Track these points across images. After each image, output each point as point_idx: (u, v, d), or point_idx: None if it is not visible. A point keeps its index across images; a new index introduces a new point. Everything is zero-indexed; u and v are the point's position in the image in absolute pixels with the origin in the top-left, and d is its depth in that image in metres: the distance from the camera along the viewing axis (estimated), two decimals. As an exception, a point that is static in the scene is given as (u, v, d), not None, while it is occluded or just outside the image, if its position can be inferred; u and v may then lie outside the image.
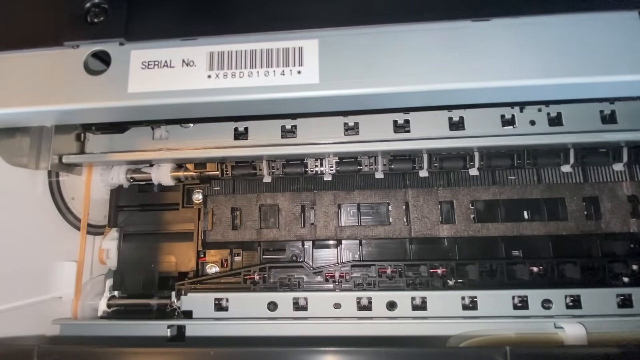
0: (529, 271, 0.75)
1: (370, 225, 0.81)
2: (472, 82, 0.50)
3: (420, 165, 0.77)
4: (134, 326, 0.73)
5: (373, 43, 0.52)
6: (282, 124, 0.74)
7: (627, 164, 0.75)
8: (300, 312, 0.73)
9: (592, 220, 0.77)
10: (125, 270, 0.82)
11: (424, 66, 0.51)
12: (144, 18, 0.56)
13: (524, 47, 0.51)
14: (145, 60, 0.55)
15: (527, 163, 0.75)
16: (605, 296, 0.70)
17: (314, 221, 0.82)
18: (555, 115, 0.71)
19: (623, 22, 0.50)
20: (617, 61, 0.49)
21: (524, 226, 0.78)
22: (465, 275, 0.76)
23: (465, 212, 0.79)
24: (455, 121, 0.72)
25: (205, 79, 0.53)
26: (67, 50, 0.56)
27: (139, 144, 0.77)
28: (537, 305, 0.70)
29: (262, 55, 0.54)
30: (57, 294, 0.76)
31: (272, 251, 0.83)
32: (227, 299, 0.75)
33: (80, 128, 0.77)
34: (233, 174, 0.81)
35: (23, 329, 0.69)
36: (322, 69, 0.52)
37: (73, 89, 0.55)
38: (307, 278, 0.80)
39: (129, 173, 0.84)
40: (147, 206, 0.86)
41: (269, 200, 0.83)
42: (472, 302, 0.71)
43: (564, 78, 0.50)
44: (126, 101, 0.54)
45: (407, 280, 0.76)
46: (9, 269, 0.67)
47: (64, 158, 0.73)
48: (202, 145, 0.75)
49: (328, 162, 0.79)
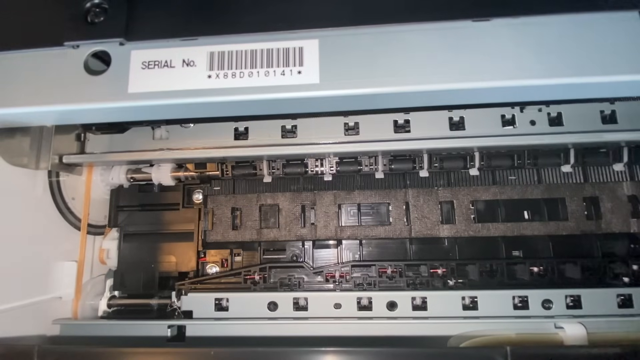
0: (529, 271, 0.75)
1: (371, 225, 0.81)
2: (472, 82, 0.50)
3: (420, 165, 0.77)
4: (134, 326, 0.73)
5: (373, 43, 0.52)
6: (282, 124, 0.74)
7: (627, 164, 0.75)
8: (301, 312, 0.73)
9: (592, 220, 0.77)
10: (125, 270, 0.82)
11: (424, 66, 0.51)
12: (144, 18, 0.56)
13: (524, 47, 0.51)
14: (145, 60, 0.55)
15: (528, 163, 0.75)
16: (606, 296, 0.70)
17: (314, 221, 0.82)
18: (555, 115, 0.71)
19: (623, 22, 0.50)
20: (617, 61, 0.49)
21: (524, 226, 0.78)
22: (466, 275, 0.76)
23: (466, 212, 0.79)
24: (455, 121, 0.72)
25: (205, 79, 0.53)
26: (67, 50, 0.56)
27: (139, 144, 0.77)
28: (537, 306, 0.70)
29: (262, 55, 0.53)
30: (57, 294, 0.76)
31: (273, 251, 0.83)
32: (227, 299, 0.75)
33: (80, 128, 0.77)
34: (233, 174, 0.81)
35: (23, 329, 0.69)
36: (323, 69, 0.52)
37: (73, 89, 0.55)
38: (307, 278, 0.80)
39: (129, 173, 0.84)
40: (147, 206, 0.86)
41: (269, 200, 0.83)
42: (472, 302, 0.71)
43: (564, 78, 0.49)
44: (126, 101, 0.54)
45: (408, 280, 0.76)
46: (9, 269, 0.67)
47: (64, 158, 0.73)
48: (202, 145, 0.75)
49: (328, 162, 0.79)
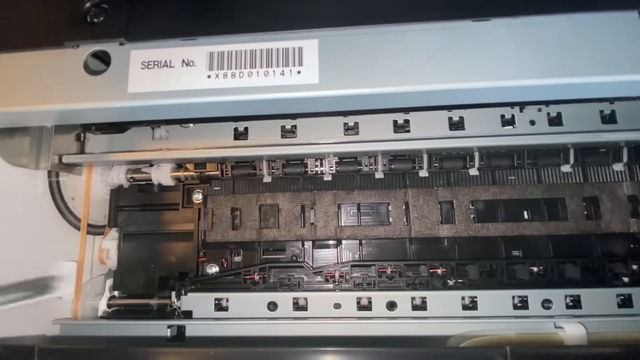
0: (529, 271, 0.75)
1: (370, 225, 0.81)
2: (472, 82, 0.50)
3: (420, 165, 0.77)
4: (134, 326, 0.73)
5: (373, 43, 0.52)
6: (282, 124, 0.74)
7: (627, 164, 0.75)
8: (300, 312, 0.73)
9: (592, 220, 0.77)
10: (125, 270, 0.82)
11: (424, 66, 0.51)
12: (144, 18, 0.56)
13: (524, 47, 0.51)
14: (145, 60, 0.55)
15: (527, 163, 0.75)
16: (606, 296, 0.70)
17: (314, 221, 0.82)
18: (555, 115, 0.71)
19: (623, 22, 0.50)
20: (617, 61, 0.49)
21: (524, 226, 0.78)
22: (465, 275, 0.76)
23: (465, 212, 0.79)
24: (455, 121, 0.72)
25: (205, 79, 0.53)
26: (67, 50, 0.56)
27: (139, 144, 0.77)
28: (537, 305, 0.70)
29: (262, 55, 0.54)
30: (57, 294, 0.76)
31: (272, 251, 0.83)
32: (227, 299, 0.75)
33: (80, 128, 0.77)
34: (233, 174, 0.81)
35: (23, 329, 0.69)
36: (322, 69, 0.52)
37: (73, 89, 0.55)
38: (307, 278, 0.79)
39: (129, 173, 0.84)
40: (147, 206, 0.86)
41: (269, 200, 0.83)
42: (472, 302, 0.71)
43: (564, 78, 0.50)
44: (126, 101, 0.54)
45: (407, 280, 0.76)
46: (9, 269, 0.67)
47: (64, 158, 0.73)
48: (202, 145, 0.75)
49: (328, 162, 0.79)
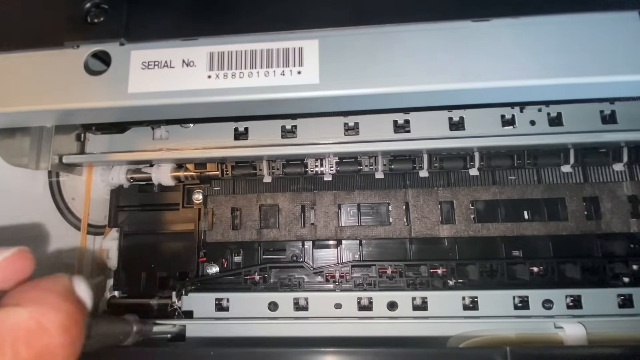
0: (530, 271, 0.75)
1: (371, 225, 0.81)
2: (473, 83, 0.50)
3: (420, 165, 0.77)
4: (134, 326, 0.73)
5: (373, 43, 0.52)
6: (282, 124, 0.74)
7: (627, 164, 0.75)
8: (301, 312, 0.73)
9: (592, 220, 0.77)
10: (125, 270, 0.82)
11: (424, 66, 0.51)
12: (144, 18, 0.56)
13: (524, 47, 0.51)
14: (145, 61, 0.54)
15: (527, 163, 0.75)
16: (606, 296, 0.70)
17: (314, 221, 0.82)
18: (555, 115, 0.71)
19: (623, 22, 0.50)
20: (617, 61, 0.49)
21: (524, 226, 0.78)
22: (466, 275, 0.76)
23: (466, 212, 0.79)
24: (455, 121, 0.72)
25: (205, 79, 0.53)
26: (67, 51, 0.56)
27: (139, 144, 0.77)
28: (537, 306, 0.70)
29: (262, 55, 0.53)
30: (57, 294, 0.76)
31: (272, 251, 0.83)
32: (227, 299, 0.75)
33: (80, 128, 0.77)
34: (233, 174, 0.81)
35: (23, 329, 0.69)
36: (322, 69, 0.52)
37: (73, 89, 0.54)
38: (307, 278, 0.79)
39: (129, 173, 0.84)
40: (147, 206, 0.86)
41: (269, 200, 0.83)
42: (472, 302, 0.71)
43: (564, 78, 0.49)
44: (126, 101, 0.54)
45: (408, 280, 0.76)
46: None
47: (64, 158, 0.73)
48: (202, 145, 0.75)
49: (328, 162, 0.79)
